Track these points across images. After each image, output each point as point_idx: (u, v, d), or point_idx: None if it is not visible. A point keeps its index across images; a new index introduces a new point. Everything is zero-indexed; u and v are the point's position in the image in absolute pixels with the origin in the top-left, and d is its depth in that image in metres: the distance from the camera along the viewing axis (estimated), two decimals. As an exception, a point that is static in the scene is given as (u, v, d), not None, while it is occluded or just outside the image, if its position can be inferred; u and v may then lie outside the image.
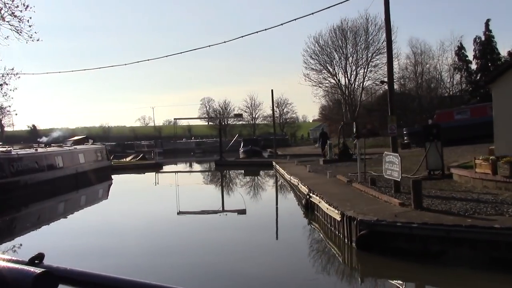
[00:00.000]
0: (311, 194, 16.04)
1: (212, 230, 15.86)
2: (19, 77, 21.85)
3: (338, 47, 57.10)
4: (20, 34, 19.31)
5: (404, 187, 14.11)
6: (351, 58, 56.34)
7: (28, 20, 19.09)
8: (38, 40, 19.83)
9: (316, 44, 57.17)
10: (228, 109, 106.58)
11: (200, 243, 13.78)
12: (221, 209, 20.61)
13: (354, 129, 17.38)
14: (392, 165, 13.49)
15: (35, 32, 19.52)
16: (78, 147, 33.50)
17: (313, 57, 57.76)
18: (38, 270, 1.33)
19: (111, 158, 42.45)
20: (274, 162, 37.36)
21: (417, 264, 9.66)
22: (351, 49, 56.23)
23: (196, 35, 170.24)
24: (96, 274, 1.41)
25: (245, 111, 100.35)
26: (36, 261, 1.47)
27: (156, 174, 39.85)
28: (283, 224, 16.61)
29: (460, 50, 47.46)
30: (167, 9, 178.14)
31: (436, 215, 10.46)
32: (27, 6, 18.89)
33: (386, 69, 51.23)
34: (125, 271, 10.55)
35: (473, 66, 44.66)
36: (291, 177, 23.97)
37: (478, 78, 45.23)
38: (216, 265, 11.34)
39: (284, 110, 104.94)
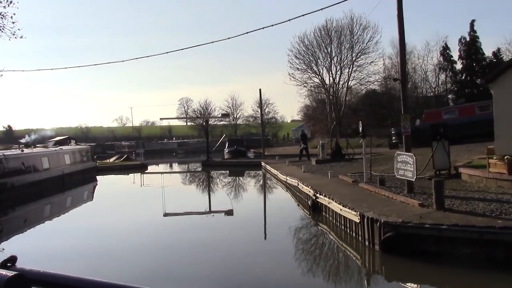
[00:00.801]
0: (318, 195, 15.61)
1: (198, 230, 15.60)
2: (1, 75, 20.92)
3: (323, 47, 57.06)
4: (2, 31, 18.65)
5: (415, 187, 13.84)
6: (336, 58, 56.36)
7: (11, 17, 18.38)
8: (21, 37, 19.36)
9: (301, 43, 57.05)
10: (209, 109, 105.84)
11: (186, 245, 13.50)
12: (208, 210, 20.37)
13: (360, 128, 16.96)
14: (406, 165, 13.16)
15: (19, 29, 18.91)
16: (64, 148, 32.39)
17: (298, 56, 57.64)
18: (10, 273, 1.33)
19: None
20: (263, 163, 36.93)
21: (447, 267, 9.29)
22: (335, 49, 56.25)
23: (182, 33, 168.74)
24: (69, 277, 1.41)
25: (226, 111, 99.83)
26: (8, 264, 1.45)
27: (142, 175, 39.02)
28: (289, 227, 16.09)
29: (445, 50, 47.77)
30: (152, 8, 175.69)
31: (462, 216, 10.12)
32: (11, 2, 18.15)
33: (370, 69, 51.31)
34: (107, 273, 10.49)
35: (458, 66, 45.01)
36: (288, 178, 23.54)
37: (463, 78, 45.61)
38: (201, 267, 10.92)
39: (266, 110, 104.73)
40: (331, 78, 57.86)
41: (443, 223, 9.48)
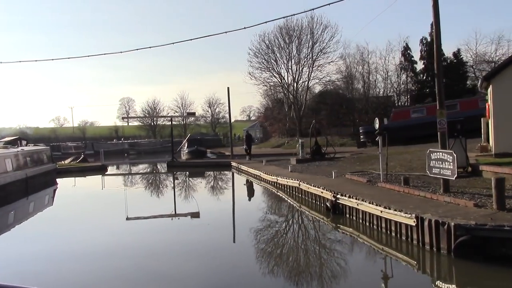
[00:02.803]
0: (339, 196, 14.73)
1: (165, 234, 14.80)
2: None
3: (282, 46, 56.76)
4: None
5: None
6: (295, 57, 56.19)
7: None
8: None
9: (262, 42, 56.51)
10: (157, 109, 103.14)
11: (151, 250, 12.53)
12: (173, 213, 19.20)
13: (377, 125, 16.26)
14: (443, 163, 12.53)
15: None
16: (26, 148, 29.69)
17: (257, 55, 57.05)
18: None
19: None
20: (234, 163, 35.77)
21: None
22: (296, 48, 56.09)
23: (124, 32, 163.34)
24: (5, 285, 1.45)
25: (176, 111, 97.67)
26: None
27: (102, 177, 36.77)
28: (308, 231, 15.17)
29: (406, 51, 48.62)
30: (93, 5, 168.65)
31: (533, 216, 9.57)
32: None
33: (330, 69, 51.51)
34: (65, 279, 10.00)
35: (420, 66, 45.85)
36: (278, 178, 22.56)
37: (423, 78, 46.50)
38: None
39: (216, 110, 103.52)
40: (290, 77, 57.73)
41: (524, 225, 8.85)
